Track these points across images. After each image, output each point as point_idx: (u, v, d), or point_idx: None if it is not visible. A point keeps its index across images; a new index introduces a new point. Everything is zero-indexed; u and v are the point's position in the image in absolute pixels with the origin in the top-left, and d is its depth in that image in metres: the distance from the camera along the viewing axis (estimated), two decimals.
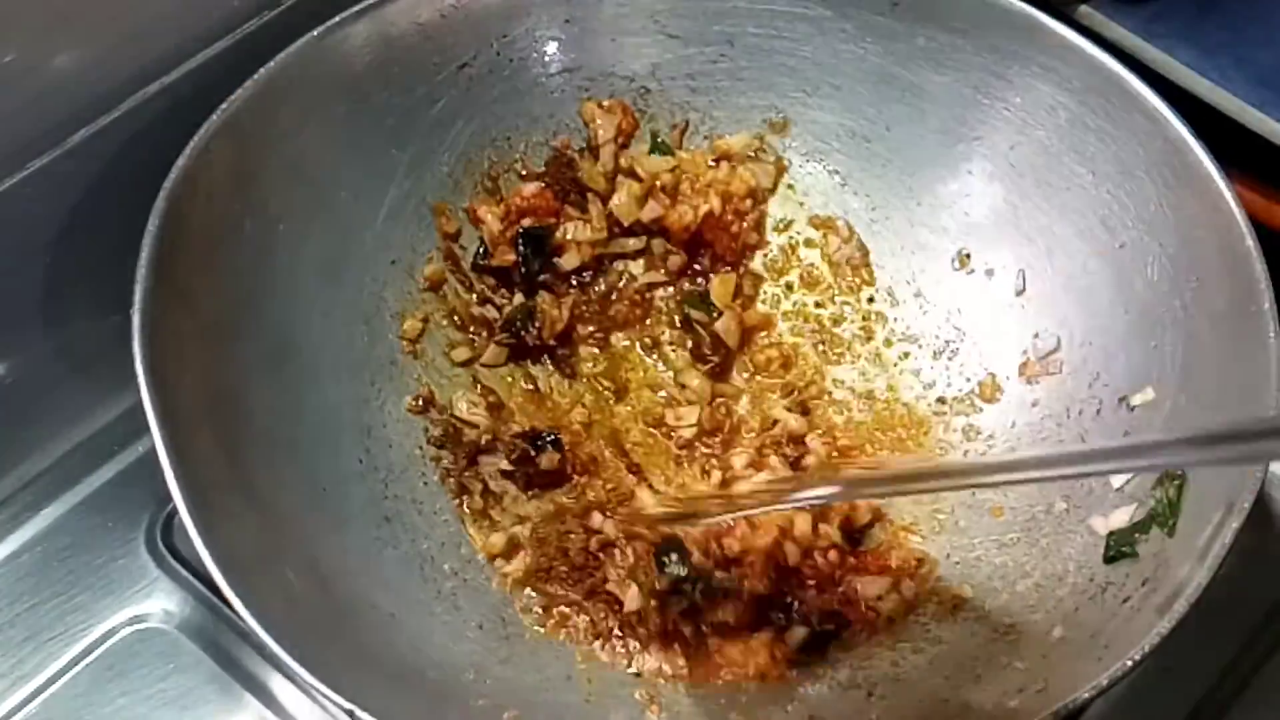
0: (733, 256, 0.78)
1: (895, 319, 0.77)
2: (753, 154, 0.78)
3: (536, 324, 0.74)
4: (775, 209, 0.79)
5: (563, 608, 0.68)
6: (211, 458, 0.60)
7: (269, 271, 0.67)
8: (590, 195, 0.76)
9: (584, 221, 0.76)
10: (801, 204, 0.79)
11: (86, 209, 0.68)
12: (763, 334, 0.78)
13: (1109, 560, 0.63)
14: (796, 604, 0.67)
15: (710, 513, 0.65)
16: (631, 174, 0.76)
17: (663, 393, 0.76)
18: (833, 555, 0.68)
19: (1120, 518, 0.64)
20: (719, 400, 0.75)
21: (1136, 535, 0.62)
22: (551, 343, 0.75)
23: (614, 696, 0.64)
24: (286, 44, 0.67)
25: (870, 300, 0.77)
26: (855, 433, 0.75)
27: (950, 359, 0.75)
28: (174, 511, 0.70)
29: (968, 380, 0.74)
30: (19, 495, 0.74)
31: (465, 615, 0.66)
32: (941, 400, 0.74)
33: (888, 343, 0.76)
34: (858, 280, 0.78)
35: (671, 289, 0.77)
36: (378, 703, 0.54)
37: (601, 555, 0.69)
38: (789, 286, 0.78)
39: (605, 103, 0.76)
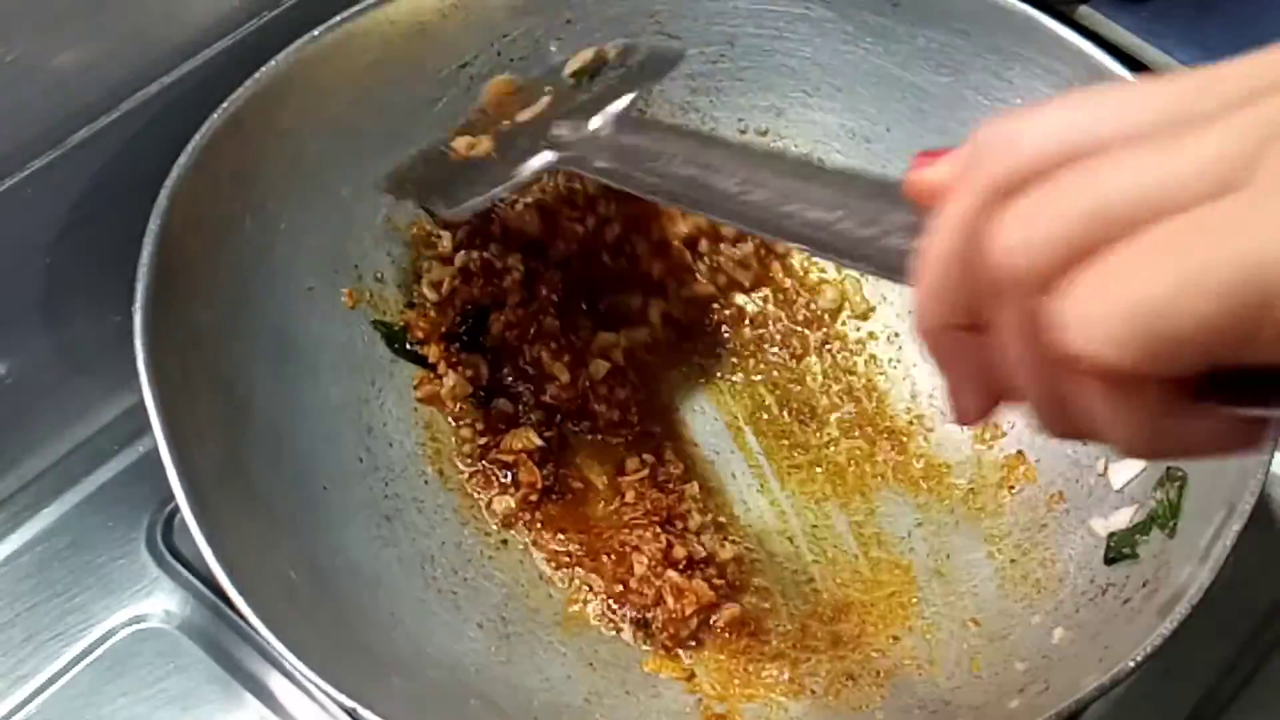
0: None
1: (894, 320, 0.77)
2: None
3: None
4: None
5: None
6: (212, 456, 0.60)
7: (270, 270, 0.67)
8: None
9: None
10: None
11: (86, 209, 0.68)
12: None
13: (1109, 561, 0.63)
14: None
15: None
16: None
17: None
18: None
19: (1121, 519, 0.64)
20: None
21: (1137, 536, 0.62)
22: None
23: (615, 697, 0.64)
24: (286, 44, 0.67)
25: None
26: None
27: None
28: (174, 511, 0.70)
29: None
30: (19, 495, 0.74)
31: (465, 615, 0.66)
32: (941, 400, 0.74)
33: (889, 341, 0.77)
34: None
35: None
36: (379, 701, 0.54)
37: None
38: None
39: None
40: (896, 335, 0.76)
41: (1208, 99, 0.28)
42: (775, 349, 0.77)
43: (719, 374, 0.77)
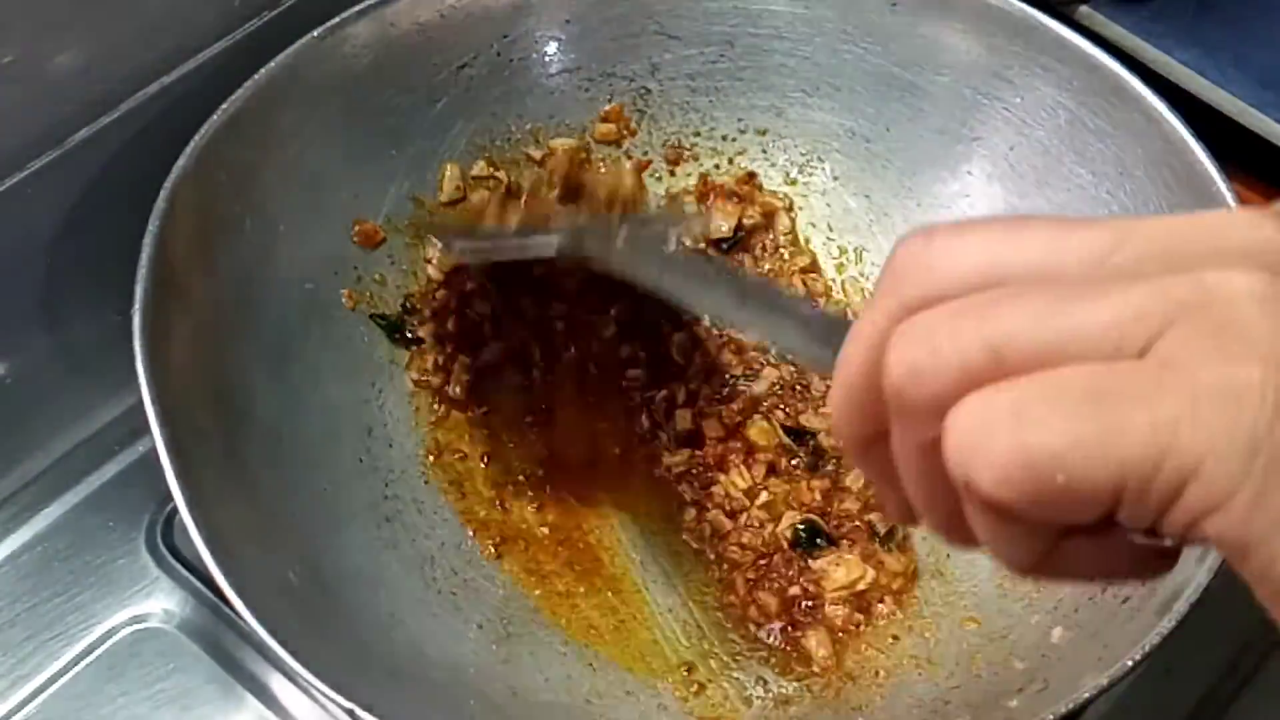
0: None
1: None
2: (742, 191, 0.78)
3: None
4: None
5: None
6: (212, 458, 0.60)
7: (269, 271, 0.67)
8: None
9: None
10: (801, 205, 0.79)
11: (86, 209, 0.68)
12: None
13: None
14: None
15: None
16: None
17: None
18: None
19: None
20: None
21: None
22: None
23: (615, 697, 0.64)
24: (286, 44, 0.67)
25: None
26: None
27: None
28: (174, 511, 0.70)
29: None
30: (19, 495, 0.74)
31: (465, 615, 0.66)
32: None
33: None
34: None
35: None
36: (377, 702, 0.54)
37: None
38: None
39: None
40: None
41: (1128, 256, 0.28)
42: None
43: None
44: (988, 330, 0.28)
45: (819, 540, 0.68)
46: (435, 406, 0.72)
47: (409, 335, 0.72)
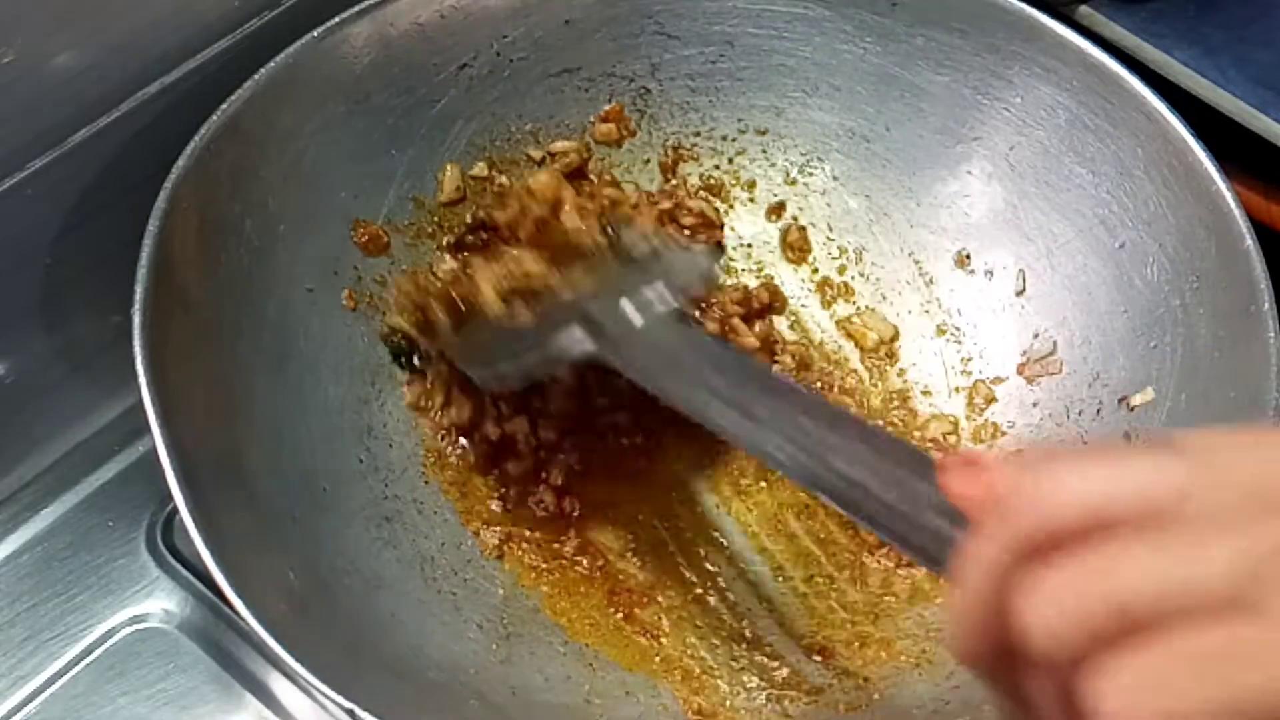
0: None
1: (893, 317, 0.77)
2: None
3: None
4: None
5: None
6: (211, 457, 0.60)
7: (269, 271, 0.67)
8: None
9: None
10: (801, 205, 0.79)
11: (86, 209, 0.68)
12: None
13: None
14: None
15: None
16: None
17: None
18: None
19: None
20: None
21: None
22: None
23: (615, 697, 0.64)
24: (286, 44, 0.67)
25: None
26: None
27: (949, 360, 0.75)
28: (174, 511, 0.70)
29: (967, 380, 0.74)
30: (19, 495, 0.74)
31: (465, 615, 0.66)
32: (940, 402, 0.75)
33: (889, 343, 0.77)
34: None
35: None
36: (377, 702, 0.54)
37: None
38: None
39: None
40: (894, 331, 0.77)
41: (1224, 492, 0.32)
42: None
43: None
44: (1109, 590, 0.31)
45: None
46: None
47: (415, 365, 0.72)
